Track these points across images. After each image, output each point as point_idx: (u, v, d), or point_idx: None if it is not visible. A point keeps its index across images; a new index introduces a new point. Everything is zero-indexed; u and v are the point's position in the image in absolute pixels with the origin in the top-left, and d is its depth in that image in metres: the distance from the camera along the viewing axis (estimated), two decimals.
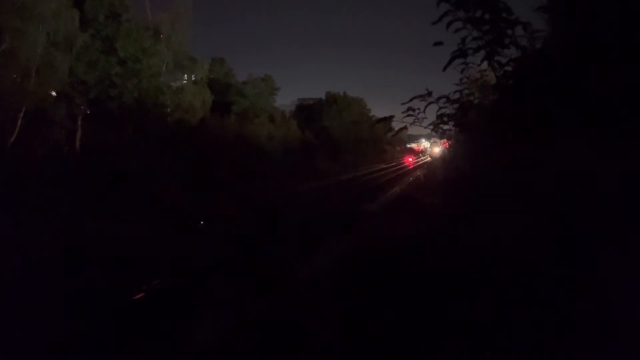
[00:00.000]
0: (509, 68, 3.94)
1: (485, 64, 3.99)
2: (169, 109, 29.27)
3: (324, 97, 63.80)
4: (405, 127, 4.53)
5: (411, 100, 4.25)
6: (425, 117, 4.29)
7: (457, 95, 4.34)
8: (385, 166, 61.52)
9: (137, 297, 9.24)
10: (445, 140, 4.80)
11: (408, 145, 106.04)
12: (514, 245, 3.17)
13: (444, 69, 3.88)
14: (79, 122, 23.79)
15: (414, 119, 4.30)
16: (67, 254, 12.31)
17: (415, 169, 50.63)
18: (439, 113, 4.29)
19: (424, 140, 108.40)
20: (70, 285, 9.49)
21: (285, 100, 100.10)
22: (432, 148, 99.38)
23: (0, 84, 18.04)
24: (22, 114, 18.79)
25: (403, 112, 4.30)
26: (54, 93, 21.46)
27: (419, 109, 4.27)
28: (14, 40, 18.11)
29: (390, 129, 5.07)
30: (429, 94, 4.18)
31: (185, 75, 32.12)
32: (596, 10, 3.48)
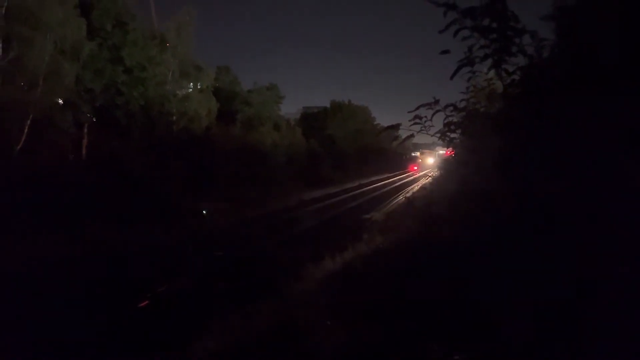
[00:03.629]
0: (516, 76, 3.92)
1: (492, 73, 3.98)
2: (174, 117, 29.38)
3: (329, 106, 63.95)
4: (411, 136, 4.52)
5: (418, 108, 4.24)
6: (432, 126, 4.27)
7: (464, 104, 4.33)
8: (390, 174, 61.51)
9: (142, 304, 9.27)
10: (450, 148, 4.77)
11: (413, 154, 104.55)
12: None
13: (451, 78, 3.86)
14: (85, 130, 23.89)
15: (421, 127, 4.28)
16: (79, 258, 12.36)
17: (420, 177, 50.56)
18: (446, 121, 4.28)
19: (428, 149, 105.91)
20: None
21: (290, 108, 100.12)
22: (423, 158, 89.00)
23: (8, 91, 18.17)
24: (29, 122, 18.90)
25: (410, 120, 4.29)
26: (60, 101, 21.58)
27: (425, 117, 4.25)
28: (22, 48, 18.26)
29: (397, 137, 5.06)
30: (436, 102, 4.16)
31: (191, 84, 32.23)
32: (602, 19, 3.48)
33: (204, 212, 22.50)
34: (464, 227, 4.09)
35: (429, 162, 78.46)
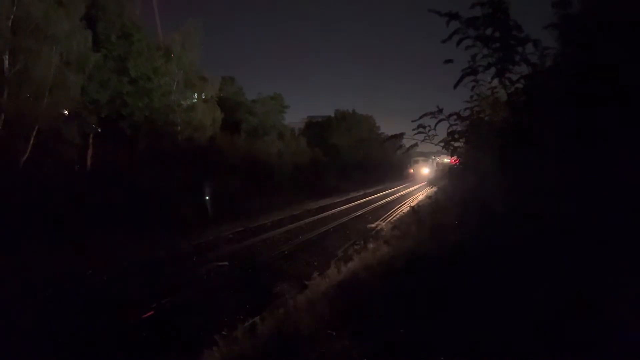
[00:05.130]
0: (519, 85, 3.92)
1: (495, 81, 3.98)
2: (179, 127, 29.53)
3: (333, 115, 64.03)
4: (415, 145, 4.52)
5: (421, 117, 4.24)
6: (436, 135, 4.27)
7: (467, 113, 4.32)
8: (394, 183, 61.41)
9: (146, 315, 9.27)
10: (455, 157, 4.76)
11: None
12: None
13: (455, 87, 3.87)
14: (91, 141, 24.03)
15: (425, 136, 4.28)
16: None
17: (424, 187, 50.42)
18: (449, 130, 4.27)
19: (433, 157, 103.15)
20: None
21: (295, 118, 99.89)
22: (416, 167, 79.89)
23: (14, 103, 18.30)
24: (34, 133, 19.04)
25: (413, 130, 4.29)
26: (66, 112, 21.71)
27: (429, 126, 4.25)
28: (28, 60, 18.42)
29: (401, 146, 5.06)
30: (440, 111, 4.16)
31: (196, 94, 32.40)
32: (607, 28, 3.47)
33: (207, 198, 24.14)
34: (467, 237, 4.07)
35: (424, 173, 72.30)
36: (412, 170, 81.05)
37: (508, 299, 3.06)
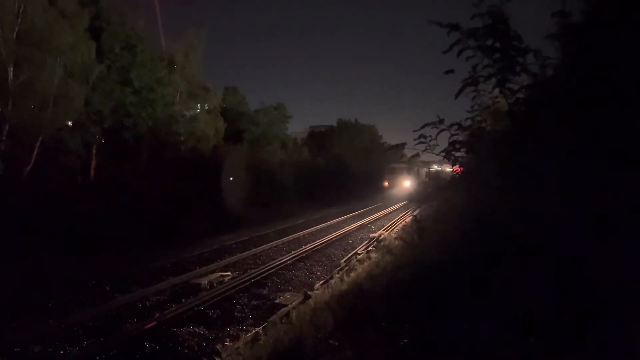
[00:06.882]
0: (520, 95, 3.93)
1: (496, 91, 3.99)
2: (182, 138, 29.65)
3: (335, 124, 64.11)
4: (417, 155, 4.53)
5: (423, 127, 4.25)
6: (437, 145, 4.28)
7: (468, 122, 4.33)
8: (396, 192, 61.08)
9: (149, 326, 9.23)
10: (457, 166, 4.76)
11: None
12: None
13: (456, 97, 3.89)
14: (94, 151, 24.15)
15: (426, 146, 4.29)
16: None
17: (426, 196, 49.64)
18: (450, 140, 4.28)
19: (435, 166, 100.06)
20: None
21: (297, 127, 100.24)
22: (391, 178, 61.89)
23: (19, 114, 18.41)
24: (38, 143, 19.15)
25: (415, 140, 4.30)
26: (70, 123, 21.82)
27: (430, 136, 4.26)
28: (32, 71, 18.55)
29: (402, 156, 5.08)
30: (441, 121, 4.18)
31: (199, 104, 32.54)
32: (608, 38, 3.49)
33: (231, 179, 25.58)
34: (468, 246, 4.06)
35: (404, 186, 54.64)
36: (387, 183, 60.56)
37: (513, 312, 3.06)
